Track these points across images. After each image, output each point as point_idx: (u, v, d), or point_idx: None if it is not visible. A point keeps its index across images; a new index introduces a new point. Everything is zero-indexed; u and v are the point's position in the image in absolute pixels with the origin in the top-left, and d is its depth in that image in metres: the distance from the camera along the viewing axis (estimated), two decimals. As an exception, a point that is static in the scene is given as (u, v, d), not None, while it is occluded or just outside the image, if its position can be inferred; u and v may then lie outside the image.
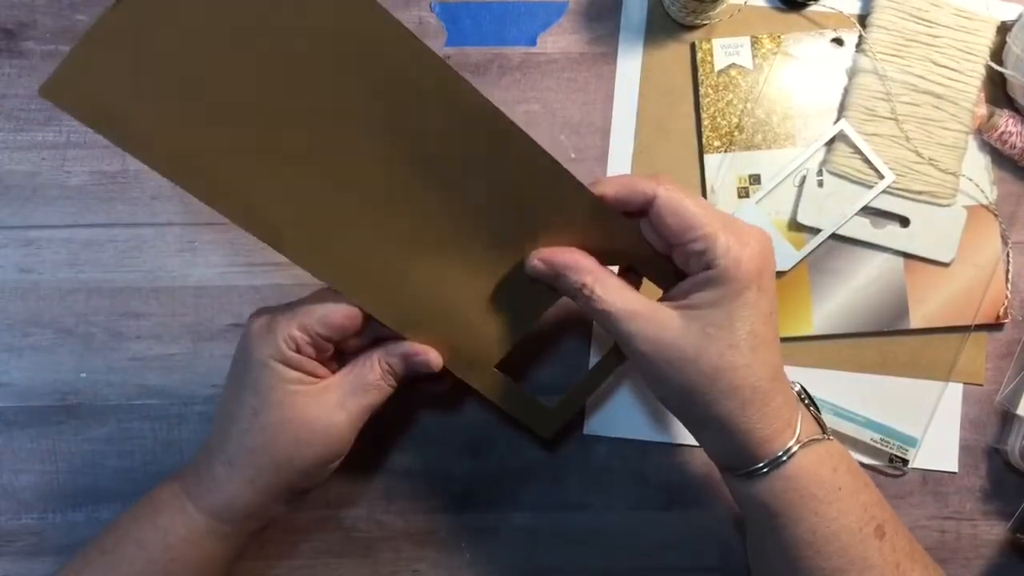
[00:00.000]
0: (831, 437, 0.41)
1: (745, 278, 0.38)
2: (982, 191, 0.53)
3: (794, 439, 0.39)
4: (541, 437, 0.48)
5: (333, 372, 0.43)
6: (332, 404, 0.41)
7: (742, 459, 0.40)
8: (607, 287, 0.40)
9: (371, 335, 0.44)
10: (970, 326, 0.52)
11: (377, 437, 0.53)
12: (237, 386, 0.42)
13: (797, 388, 0.43)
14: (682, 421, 0.43)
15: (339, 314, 0.41)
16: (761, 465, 0.39)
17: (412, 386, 0.45)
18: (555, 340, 0.53)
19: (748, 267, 0.38)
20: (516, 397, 0.47)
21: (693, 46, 0.54)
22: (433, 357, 0.43)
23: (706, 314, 0.38)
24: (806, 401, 0.42)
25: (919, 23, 0.52)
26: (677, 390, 0.39)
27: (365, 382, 0.42)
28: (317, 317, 0.40)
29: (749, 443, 0.39)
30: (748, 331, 0.38)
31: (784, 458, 0.39)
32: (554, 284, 0.42)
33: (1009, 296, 0.53)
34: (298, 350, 0.40)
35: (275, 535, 0.52)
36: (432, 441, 0.53)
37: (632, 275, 0.44)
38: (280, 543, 0.52)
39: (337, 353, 0.44)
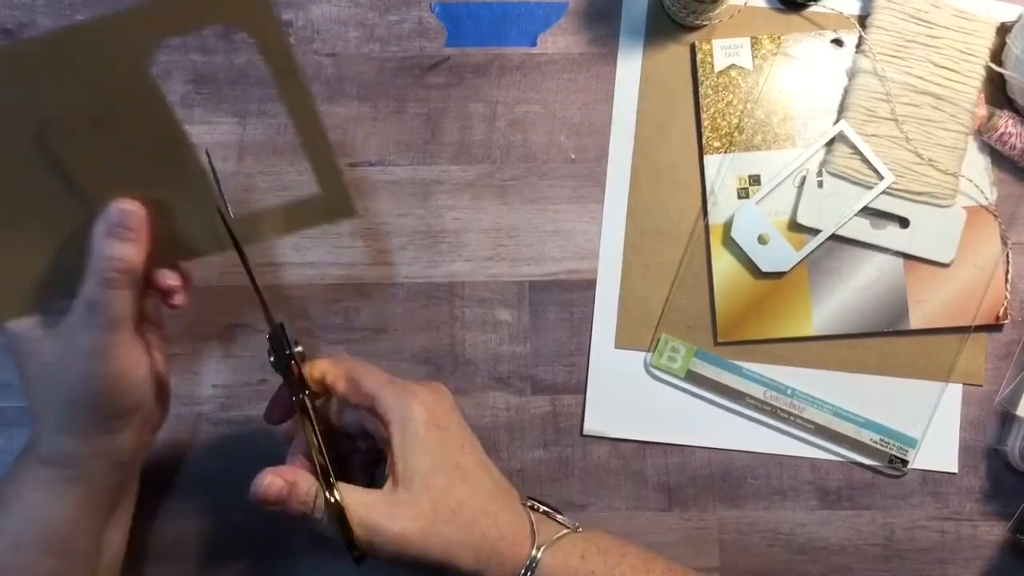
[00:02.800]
0: (578, 528, 0.44)
1: (419, 420, 0.41)
2: (982, 192, 0.53)
3: (533, 546, 0.41)
4: (350, 215, 0.45)
5: None
6: (73, 331, 0.41)
7: None
8: (340, 491, 0.41)
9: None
10: (970, 327, 0.52)
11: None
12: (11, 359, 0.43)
13: (529, 503, 0.45)
14: None
15: None
16: None
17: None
18: (554, 339, 0.53)
19: (419, 410, 0.41)
20: (284, 213, 0.44)
21: (693, 47, 0.54)
22: (127, 203, 0.41)
23: (410, 469, 0.41)
24: (540, 509, 0.45)
25: (919, 24, 0.52)
26: (424, 559, 0.40)
27: (88, 298, 0.40)
28: None
29: (499, 569, 0.41)
30: (452, 466, 0.42)
31: (533, 565, 0.41)
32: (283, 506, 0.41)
33: (1009, 297, 0.53)
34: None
35: (275, 535, 0.52)
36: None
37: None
38: (280, 543, 0.52)
39: None
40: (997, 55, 0.52)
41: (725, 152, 0.53)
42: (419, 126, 0.54)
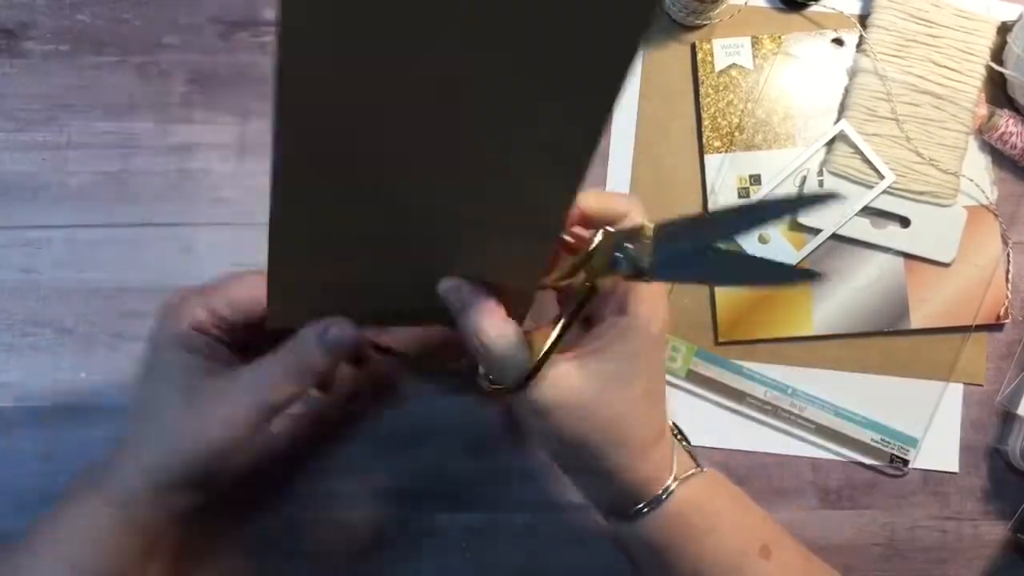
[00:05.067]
0: (704, 469, 0.41)
1: (656, 336, 0.38)
2: (982, 191, 0.53)
3: (671, 477, 0.39)
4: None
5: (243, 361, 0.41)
6: (234, 395, 0.39)
7: (623, 503, 0.39)
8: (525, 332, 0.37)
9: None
10: (971, 326, 0.52)
11: (377, 437, 0.53)
12: (146, 372, 0.40)
13: (669, 423, 0.42)
14: (563, 469, 0.42)
15: (246, 294, 0.39)
16: (642, 506, 0.39)
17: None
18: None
19: (660, 326, 0.38)
20: None
21: (693, 46, 0.54)
22: (344, 328, 0.39)
23: (611, 367, 0.38)
24: (678, 436, 0.42)
25: (919, 23, 0.52)
26: (570, 439, 0.38)
27: (272, 378, 0.39)
28: (224, 297, 0.39)
29: (632, 489, 0.39)
30: (646, 387, 0.38)
31: (664, 496, 0.39)
32: (456, 315, 0.38)
33: (1009, 296, 0.53)
34: (206, 333, 0.39)
35: (275, 535, 0.52)
36: (432, 441, 0.53)
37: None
38: (280, 543, 0.52)
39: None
40: (998, 54, 0.52)
41: (726, 151, 0.53)
42: (419, 126, 0.54)
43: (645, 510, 0.39)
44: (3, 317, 0.52)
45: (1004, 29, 0.52)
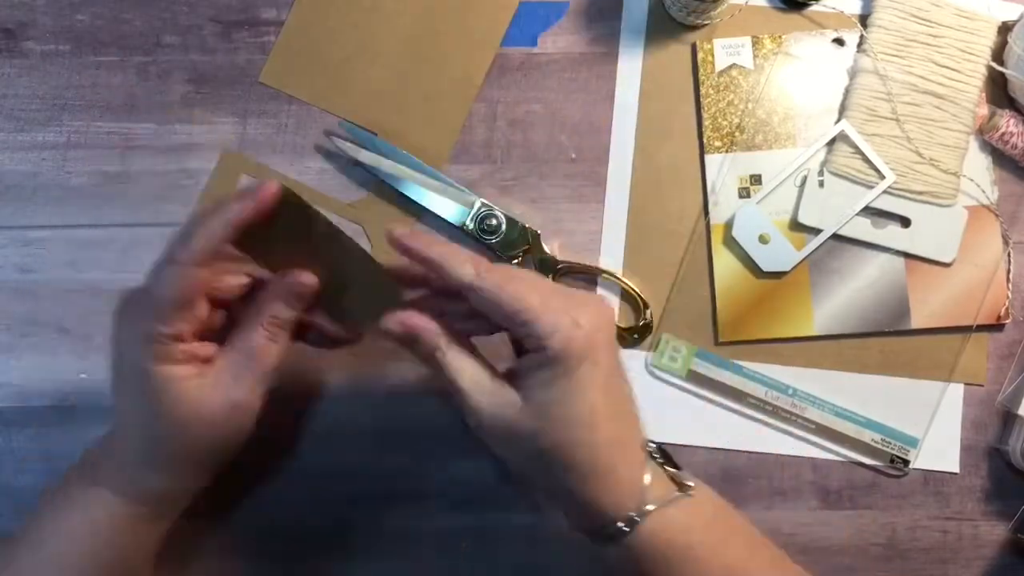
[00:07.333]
0: (691, 492, 0.40)
1: (576, 356, 0.38)
2: (983, 191, 0.53)
3: (637, 507, 0.39)
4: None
5: (218, 340, 0.42)
6: (228, 383, 0.40)
7: (592, 527, 0.39)
8: (457, 357, 0.40)
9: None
10: (971, 326, 0.52)
11: (377, 437, 0.53)
12: (128, 393, 0.41)
13: (651, 448, 0.42)
14: (531, 491, 0.44)
15: (185, 289, 0.39)
16: (607, 534, 0.39)
17: (304, 339, 0.44)
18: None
19: (577, 346, 0.38)
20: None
21: (694, 46, 0.54)
22: (306, 277, 0.41)
23: (543, 394, 0.38)
24: (660, 460, 0.41)
25: (920, 23, 0.52)
26: (519, 465, 0.41)
27: (252, 349, 0.41)
28: (168, 303, 0.39)
29: (594, 513, 0.39)
30: (586, 408, 0.38)
31: (637, 520, 0.38)
32: (409, 347, 0.41)
33: (1010, 296, 0.53)
34: (175, 338, 0.39)
35: (275, 535, 0.52)
36: (432, 442, 0.53)
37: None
38: (280, 543, 0.52)
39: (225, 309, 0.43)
40: (998, 54, 0.52)
41: (726, 152, 0.53)
42: (419, 126, 0.53)
43: (612, 536, 0.39)
44: (3, 317, 0.52)
45: (1005, 29, 0.52)
